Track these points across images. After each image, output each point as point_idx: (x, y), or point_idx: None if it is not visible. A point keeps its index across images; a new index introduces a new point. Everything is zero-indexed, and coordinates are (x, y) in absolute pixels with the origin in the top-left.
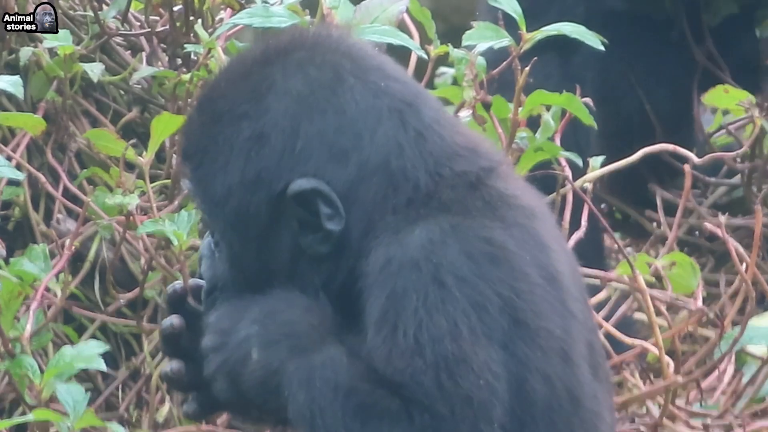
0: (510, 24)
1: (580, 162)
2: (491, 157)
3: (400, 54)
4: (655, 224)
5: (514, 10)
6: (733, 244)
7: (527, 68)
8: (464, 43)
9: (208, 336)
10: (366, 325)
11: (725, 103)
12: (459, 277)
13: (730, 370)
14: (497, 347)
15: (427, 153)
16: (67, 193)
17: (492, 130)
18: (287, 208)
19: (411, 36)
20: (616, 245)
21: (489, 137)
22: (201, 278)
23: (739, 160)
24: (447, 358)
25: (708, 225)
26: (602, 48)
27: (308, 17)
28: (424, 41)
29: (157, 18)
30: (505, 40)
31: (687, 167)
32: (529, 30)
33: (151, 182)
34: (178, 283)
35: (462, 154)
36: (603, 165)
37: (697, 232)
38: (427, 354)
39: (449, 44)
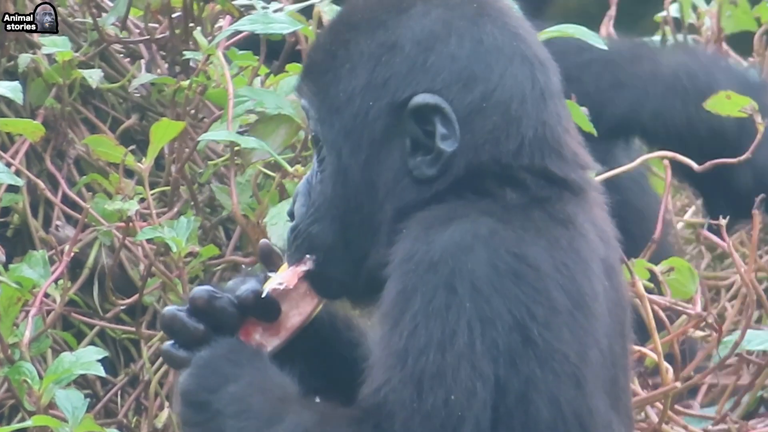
0: None
1: None
2: (585, 175)
3: None
4: None
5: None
6: (734, 253)
7: None
8: None
9: (182, 408)
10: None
11: (727, 109)
12: (474, 287)
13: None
14: (492, 363)
15: (540, 120)
16: (66, 199)
17: None
18: (404, 123)
19: None
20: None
21: None
22: (291, 218)
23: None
24: (423, 371)
25: (706, 232)
26: (605, 48)
27: (310, 27)
28: None
29: (156, 25)
30: None
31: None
32: None
33: (151, 189)
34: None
35: (564, 154)
36: None
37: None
38: (408, 365)
39: None
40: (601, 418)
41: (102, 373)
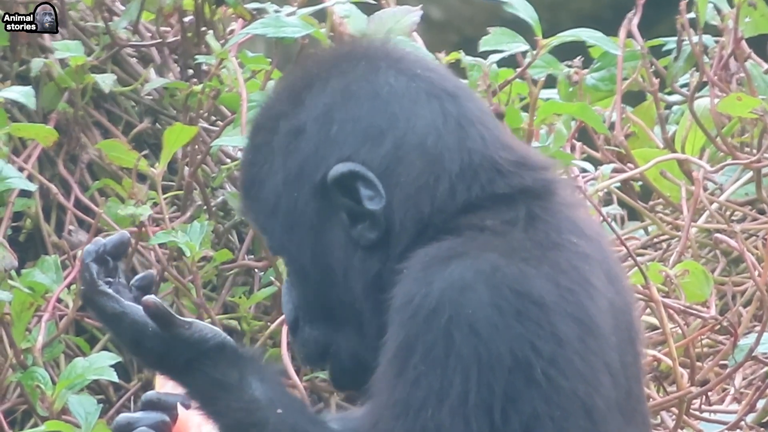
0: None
1: (592, 170)
2: (545, 175)
3: None
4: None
5: (530, 17)
6: (749, 258)
7: (542, 78)
8: (481, 48)
9: None
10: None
11: (738, 110)
12: (472, 331)
13: (739, 378)
14: (486, 412)
15: (465, 149)
16: (78, 204)
17: None
18: (332, 199)
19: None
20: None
21: None
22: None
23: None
24: (424, 427)
25: (720, 236)
26: (618, 53)
27: (323, 29)
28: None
29: (169, 29)
30: (521, 46)
31: (696, 174)
32: None
33: (163, 193)
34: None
35: (503, 169)
36: None
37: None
38: (409, 419)
39: (460, 51)
40: None
41: (115, 378)
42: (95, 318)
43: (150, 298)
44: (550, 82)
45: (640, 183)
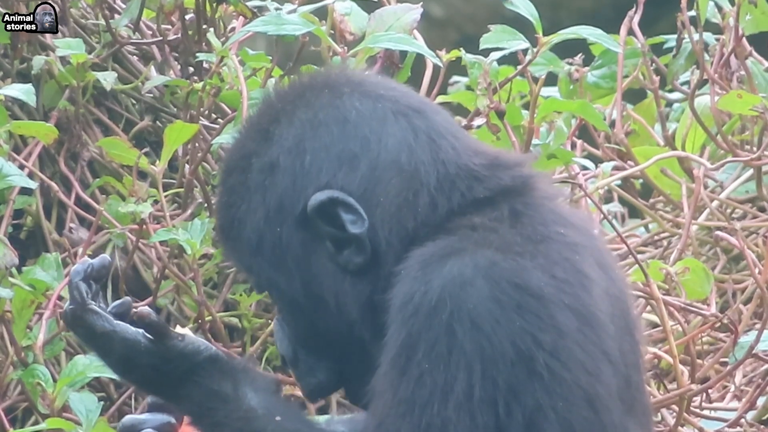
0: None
1: (593, 167)
2: (520, 172)
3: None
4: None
5: (531, 14)
6: (750, 255)
7: (543, 76)
8: (482, 45)
9: None
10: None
11: (739, 108)
12: (474, 325)
13: (740, 375)
14: (491, 406)
15: (439, 161)
16: (79, 201)
17: (506, 138)
18: (315, 229)
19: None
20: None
21: (503, 145)
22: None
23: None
24: (430, 424)
25: (721, 234)
26: (618, 50)
27: (324, 27)
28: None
29: (169, 26)
30: (521, 43)
31: (696, 172)
32: None
33: (164, 191)
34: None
35: (479, 175)
36: None
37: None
38: (415, 417)
39: (461, 49)
40: (615, 430)
41: (116, 375)
42: (82, 338)
43: (145, 309)
44: (551, 79)
45: (640, 180)
